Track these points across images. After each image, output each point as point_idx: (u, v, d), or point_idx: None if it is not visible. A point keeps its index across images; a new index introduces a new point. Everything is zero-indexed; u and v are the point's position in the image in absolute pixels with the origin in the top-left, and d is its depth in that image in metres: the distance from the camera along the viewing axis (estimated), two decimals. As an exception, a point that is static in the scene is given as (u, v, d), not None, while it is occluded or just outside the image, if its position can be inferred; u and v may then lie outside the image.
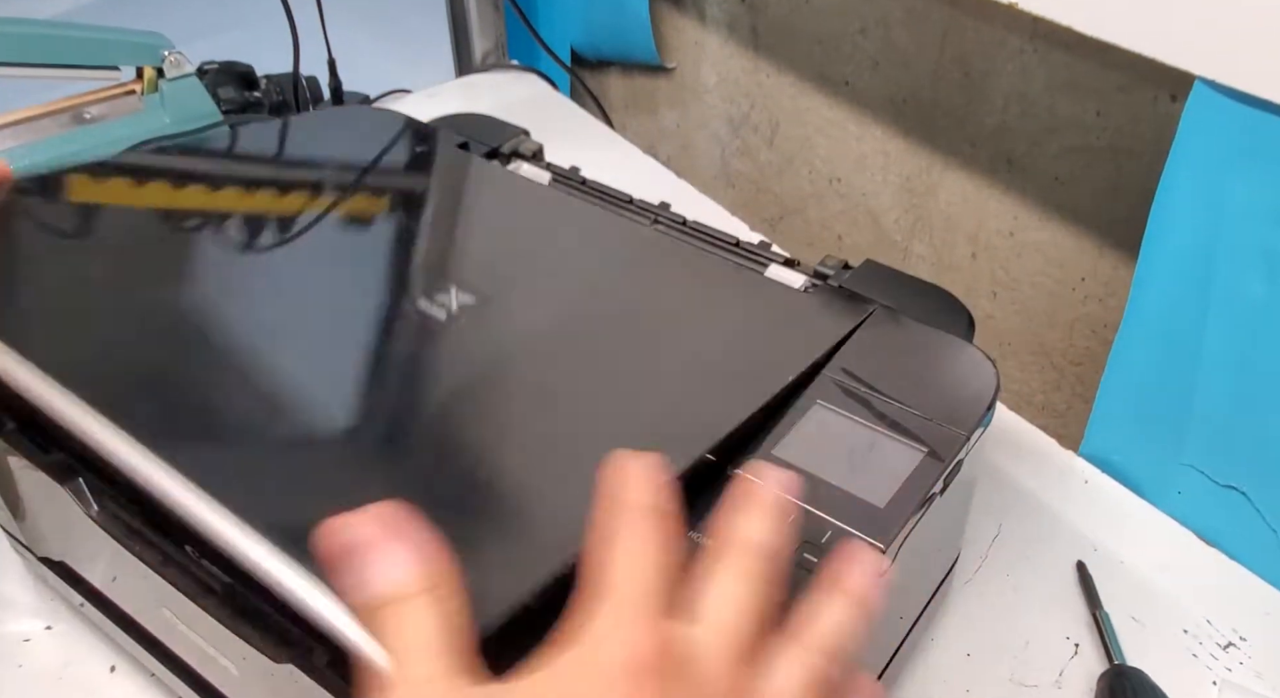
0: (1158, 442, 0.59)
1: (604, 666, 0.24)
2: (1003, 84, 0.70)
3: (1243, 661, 0.52)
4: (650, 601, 0.26)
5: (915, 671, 0.50)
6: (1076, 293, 0.70)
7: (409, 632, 0.26)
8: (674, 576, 0.27)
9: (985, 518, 0.58)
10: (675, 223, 0.53)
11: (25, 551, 0.49)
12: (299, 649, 0.34)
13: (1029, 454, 0.62)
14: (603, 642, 0.25)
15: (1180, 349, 0.56)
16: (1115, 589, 0.54)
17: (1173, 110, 0.52)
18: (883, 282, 0.49)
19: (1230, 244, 0.51)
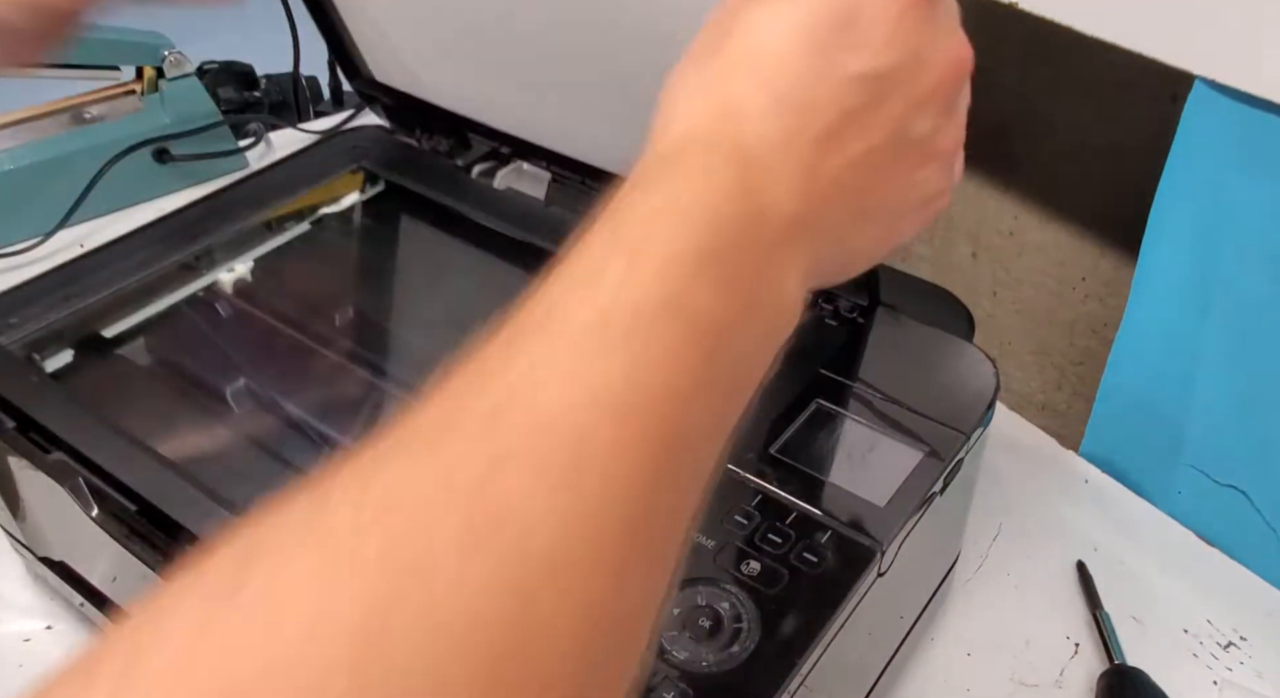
0: (1158, 441, 0.59)
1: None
2: (1003, 84, 0.70)
3: (1243, 660, 0.51)
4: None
5: (915, 670, 0.50)
6: (1077, 292, 0.70)
7: None
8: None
9: (985, 518, 0.58)
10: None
11: (25, 551, 0.49)
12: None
13: (1029, 454, 0.62)
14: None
15: (1181, 349, 0.56)
16: (1115, 589, 0.54)
17: (1173, 110, 0.52)
18: (883, 281, 0.49)
19: (1230, 243, 0.51)
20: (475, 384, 0.21)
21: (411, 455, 0.20)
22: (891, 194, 0.28)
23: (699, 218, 0.24)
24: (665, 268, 0.22)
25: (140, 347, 0.50)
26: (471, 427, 0.20)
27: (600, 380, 0.21)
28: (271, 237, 0.55)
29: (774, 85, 0.26)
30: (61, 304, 0.47)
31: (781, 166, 0.25)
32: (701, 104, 0.26)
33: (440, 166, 0.58)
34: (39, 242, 0.72)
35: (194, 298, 0.52)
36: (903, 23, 0.27)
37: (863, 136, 0.27)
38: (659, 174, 0.25)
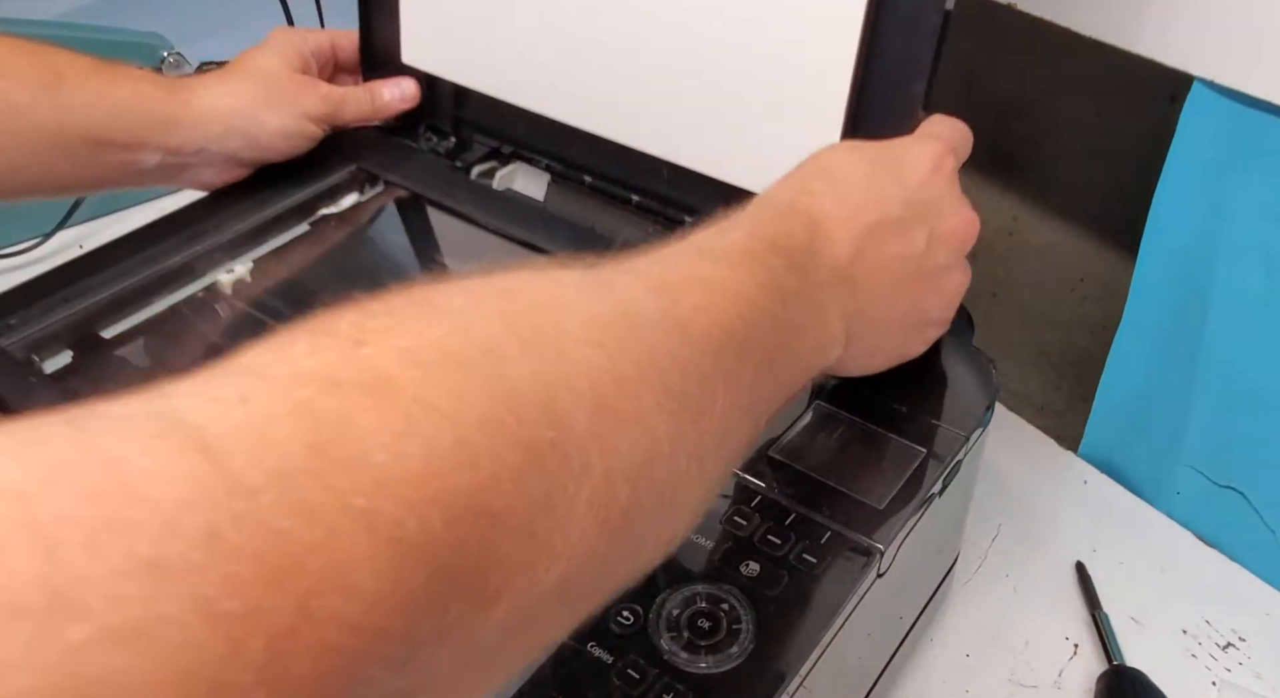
0: (1157, 442, 0.59)
1: (925, 148, 0.38)
2: (1002, 85, 0.70)
3: (1242, 661, 0.52)
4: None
5: (915, 671, 0.50)
6: (1076, 293, 0.70)
7: None
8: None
9: (984, 518, 0.58)
10: (675, 223, 0.53)
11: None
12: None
13: (1028, 455, 0.62)
14: (924, 139, 0.39)
15: (1179, 349, 0.56)
16: (1114, 590, 0.54)
17: (1171, 111, 0.52)
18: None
19: (1229, 244, 0.51)
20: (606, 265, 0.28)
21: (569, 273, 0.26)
22: (910, 301, 0.37)
23: (776, 228, 0.32)
24: (749, 238, 0.31)
25: (139, 348, 0.50)
26: (600, 270, 0.27)
27: (696, 269, 0.29)
28: (270, 237, 0.55)
29: (838, 188, 0.35)
30: (60, 305, 0.47)
31: (838, 235, 0.34)
32: (788, 191, 0.36)
33: (439, 167, 0.58)
34: (38, 242, 0.72)
35: (193, 299, 0.52)
36: (933, 175, 0.37)
37: (896, 241, 0.35)
38: (753, 208, 0.34)
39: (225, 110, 0.51)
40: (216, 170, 0.53)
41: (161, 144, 0.50)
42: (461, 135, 0.59)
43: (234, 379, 0.19)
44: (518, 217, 0.54)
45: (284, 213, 0.55)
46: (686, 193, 0.51)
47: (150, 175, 0.52)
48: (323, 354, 0.20)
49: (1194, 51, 0.48)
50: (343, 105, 0.55)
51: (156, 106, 0.50)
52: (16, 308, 0.47)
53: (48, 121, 0.47)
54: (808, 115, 0.44)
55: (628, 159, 0.50)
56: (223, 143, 0.51)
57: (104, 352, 0.48)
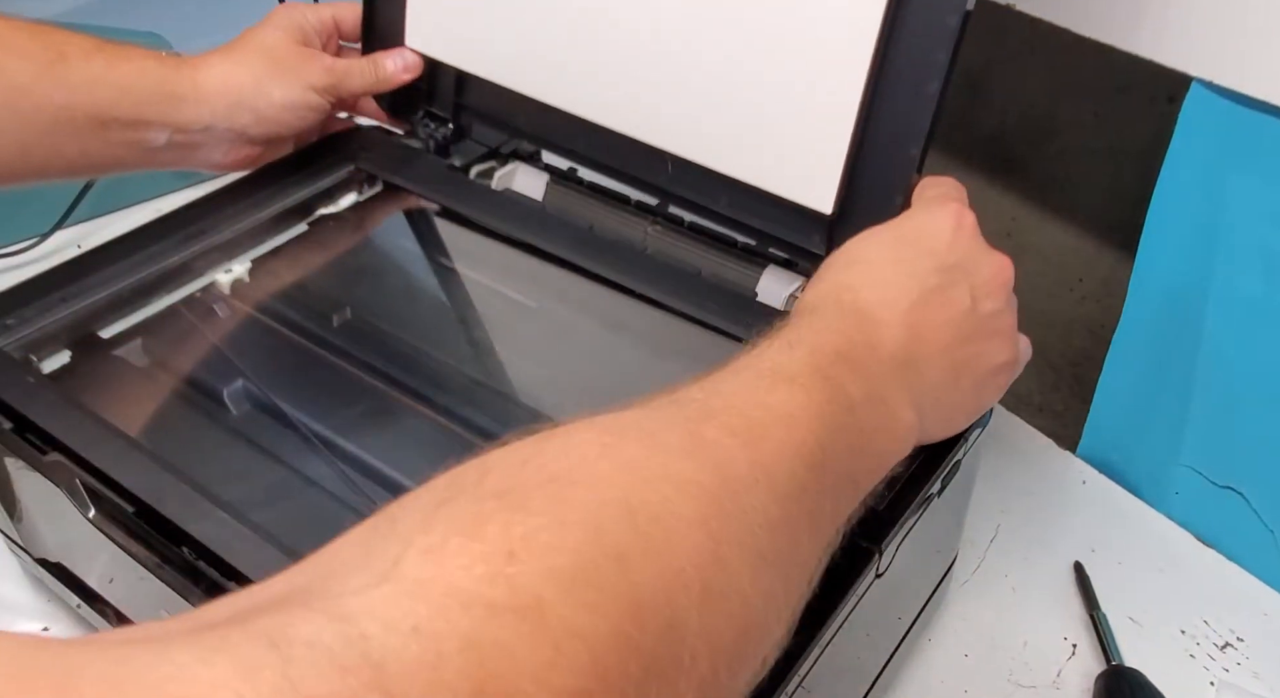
0: (1155, 442, 0.59)
1: (941, 213, 0.39)
2: (1001, 86, 0.70)
3: (1240, 661, 0.52)
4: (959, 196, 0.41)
5: (913, 671, 0.50)
6: (1074, 293, 0.70)
7: None
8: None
9: (983, 519, 0.58)
10: (674, 223, 0.53)
11: (22, 552, 0.49)
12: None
13: (1027, 455, 0.62)
14: (935, 204, 0.40)
15: (1178, 350, 0.56)
16: (1113, 590, 0.54)
17: (1170, 111, 0.52)
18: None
19: (1227, 244, 0.51)
20: (689, 390, 0.31)
21: (658, 407, 0.30)
22: (971, 357, 0.38)
23: (836, 335, 0.34)
24: (814, 354, 0.33)
25: (138, 347, 0.49)
26: (689, 407, 0.30)
27: (769, 397, 0.30)
28: (269, 237, 0.55)
29: (872, 275, 0.37)
30: (59, 305, 0.47)
31: (887, 319, 0.36)
32: (823, 289, 0.38)
33: (438, 167, 0.58)
34: (36, 242, 0.72)
35: (191, 298, 0.52)
36: (955, 238, 0.39)
37: (943, 308, 0.37)
38: (801, 319, 0.36)
39: (230, 85, 0.51)
40: (226, 149, 0.53)
41: (168, 121, 0.50)
42: (460, 123, 0.58)
43: (404, 600, 0.21)
44: (516, 216, 0.54)
45: (282, 213, 0.55)
46: (689, 187, 0.50)
47: (161, 155, 0.51)
48: (477, 568, 0.22)
49: (1192, 52, 0.48)
50: (347, 76, 0.54)
51: (161, 83, 0.49)
52: (14, 308, 0.47)
53: (53, 100, 0.47)
54: (818, 112, 0.44)
55: (631, 150, 0.50)
56: (230, 118, 0.51)
57: (102, 352, 0.48)
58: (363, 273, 0.57)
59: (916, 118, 0.42)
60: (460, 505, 0.23)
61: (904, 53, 0.41)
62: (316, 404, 0.47)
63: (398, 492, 0.43)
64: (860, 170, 0.44)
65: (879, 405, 0.34)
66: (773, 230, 0.49)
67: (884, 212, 0.43)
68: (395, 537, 0.23)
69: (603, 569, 0.23)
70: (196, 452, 0.45)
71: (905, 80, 0.42)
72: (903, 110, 0.42)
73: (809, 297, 0.38)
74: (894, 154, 0.43)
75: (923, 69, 0.41)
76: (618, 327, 0.51)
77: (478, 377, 0.50)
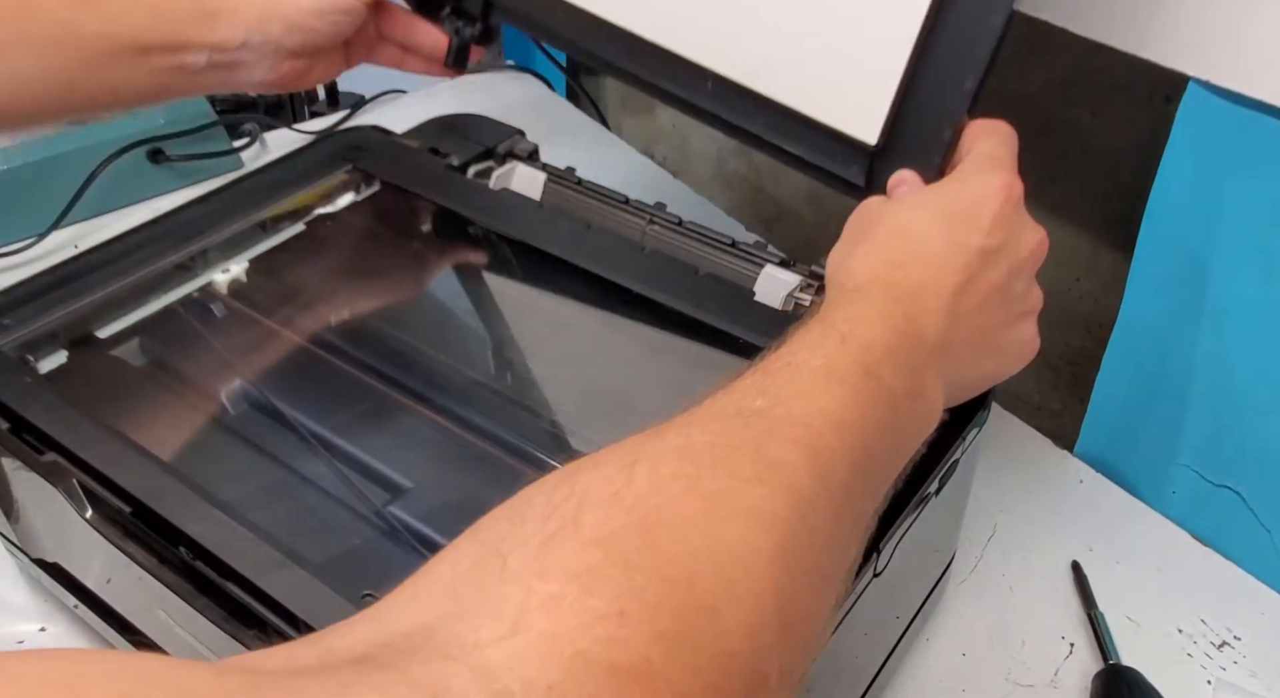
0: (1153, 442, 0.59)
1: (993, 184, 0.38)
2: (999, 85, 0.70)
3: (1237, 660, 0.52)
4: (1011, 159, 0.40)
5: (911, 670, 0.50)
6: (1072, 293, 0.70)
7: None
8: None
9: (981, 518, 0.58)
10: (671, 223, 0.53)
11: (19, 552, 0.49)
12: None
13: (1025, 454, 0.63)
14: (988, 172, 0.39)
15: (1175, 349, 0.56)
16: (1110, 589, 0.54)
17: (1167, 111, 0.52)
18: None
19: (1225, 244, 0.52)
20: (749, 394, 0.31)
21: (724, 418, 0.30)
22: (1001, 336, 0.39)
23: (884, 328, 0.34)
24: (864, 352, 0.33)
25: (134, 347, 0.49)
26: (754, 422, 0.30)
27: (825, 401, 0.31)
28: (266, 237, 0.55)
29: (922, 252, 0.37)
30: (55, 305, 0.47)
31: (932, 307, 0.36)
32: (874, 263, 0.37)
33: (435, 167, 0.58)
34: (33, 242, 0.72)
35: (188, 299, 0.52)
36: (1002, 213, 0.38)
37: (983, 291, 0.37)
38: (853, 299, 0.36)
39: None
40: (268, 66, 0.52)
41: (204, 41, 0.49)
42: (489, 22, 0.56)
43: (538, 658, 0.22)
44: (514, 216, 0.54)
45: (280, 213, 0.55)
46: (726, 107, 0.47)
47: (205, 78, 0.51)
48: (596, 628, 0.23)
49: (1190, 52, 0.48)
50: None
51: (194, 3, 0.49)
52: (11, 307, 0.47)
53: (91, 31, 0.47)
54: (873, 35, 0.41)
55: (669, 64, 0.47)
56: (263, 30, 0.50)
57: (99, 351, 0.48)
58: (360, 273, 0.57)
59: (977, 47, 0.39)
60: (566, 549, 0.25)
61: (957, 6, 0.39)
62: (313, 404, 0.47)
63: (394, 491, 0.43)
64: (911, 101, 0.41)
65: (917, 399, 0.34)
66: (811, 157, 0.45)
67: (930, 149, 0.41)
68: (511, 578, 0.24)
69: (697, 625, 0.24)
70: (193, 452, 0.45)
71: (969, 7, 0.39)
72: (963, 39, 0.40)
73: (860, 269, 0.37)
74: (948, 87, 0.41)
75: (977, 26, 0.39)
76: (616, 326, 0.51)
77: (475, 376, 0.50)
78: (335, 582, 0.35)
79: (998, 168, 0.40)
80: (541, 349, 0.52)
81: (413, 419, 0.47)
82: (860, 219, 0.40)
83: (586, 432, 0.46)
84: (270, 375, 0.48)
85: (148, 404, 0.47)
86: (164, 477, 0.39)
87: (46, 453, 0.41)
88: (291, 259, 0.55)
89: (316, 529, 0.41)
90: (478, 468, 0.45)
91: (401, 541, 0.41)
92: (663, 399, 0.48)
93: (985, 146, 0.41)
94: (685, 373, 0.49)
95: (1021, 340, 0.40)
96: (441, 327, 0.55)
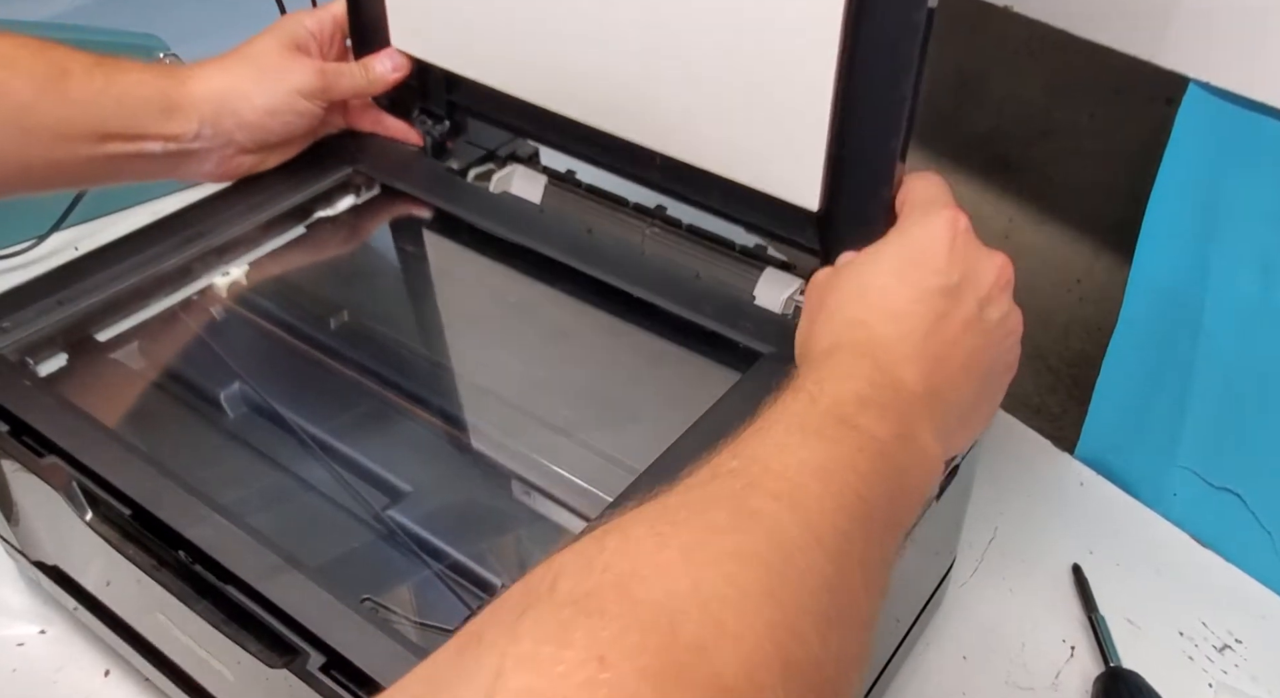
0: (1153, 444, 0.59)
1: (936, 223, 0.39)
2: (998, 87, 0.70)
3: (1238, 663, 0.52)
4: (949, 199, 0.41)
5: (911, 674, 0.50)
6: (1072, 295, 0.70)
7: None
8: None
9: (981, 521, 0.58)
10: (671, 226, 0.53)
11: (19, 555, 0.49)
12: (293, 655, 0.34)
13: (1025, 457, 0.62)
14: (929, 213, 0.39)
15: (1175, 351, 0.56)
16: (1111, 592, 0.54)
17: (1167, 113, 0.52)
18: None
19: (1224, 246, 0.51)
20: (723, 460, 0.31)
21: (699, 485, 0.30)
22: (986, 366, 0.39)
23: (855, 381, 0.34)
24: (837, 405, 0.33)
25: (135, 350, 0.49)
26: (729, 480, 0.30)
27: (802, 454, 0.30)
28: (266, 240, 0.55)
29: (883, 306, 0.37)
30: (55, 308, 0.47)
31: (905, 355, 0.36)
32: (836, 326, 0.37)
33: (435, 170, 0.58)
34: (33, 244, 0.72)
35: (188, 301, 0.52)
36: (954, 247, 0.38)
37: (954, 329, 0.37)
38: (819, 363, 0.35)
39: (215, 90, 0.51)
40: (219, 159, 0.53)
41: (161, 131, 0.50)
42: (455, 120, 0.58)
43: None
44: (514, 219, 0.54)
45: (280, 216, 0.55)
46: (682, 184, 0.50)
47: (157, 166, 0.52)
48: (575, 676, 0.22)
49: (1190, 54, 0.48)
50: (337, 78, 0.55)
51: (155, 94, 0.50)
52: (11, 310, 0.47)
53: (55, 117, 0.48)
54: (793, 110, 0.43)
55: (622, 148, 0.50)
56: (216, 124, 0.51)
57: (99, 355, 0.48)
58: (360, 276, 0.57)
59: (892, 111, 0.41)
60: (541, 613, 0.24)
61: (872, 48, 0.41)
62: (313, 408, 0.47)
63: (393, 495, 0.43)
64: (842, 166, 0.43)
65: (909, 443, 0.34)
66: (766, 225, 0.48)
67: (872, 205, 0.42)
68: (486, 649, 0.24)
69: (685, 663, 0.24)
70: (193, 455, 0.45)
71: (877, 74, 0.41)
72: (878, 104, 0.41)
73: (823, 336, 0.37)
74: (875, 148, 0.42)
75: (894, 62, 0.40)
76: (616, 329, 0.51)
77: (474, 380, 0.50)
78: (334, 585, 0.35)
79: (937, 207, 0.40)
80: (541, 353, 0.52)
81: (411, 423, 0.47)
82: (814, 292, 0.41)
83: (586, 436, 0.46)
84: (270, 379, 0.48)
85: (147, 407, 0.47)
86: (163, 480, 0.39)
87: (46, 456, 0.41)
88: (291, 262, 0.55)
89: (315, 533, 0.41)
90: (476, 472, 0.45)
91: (400, 544, 0.41)
92: (662, 404, 0.48)
93: (917, 194, 0.41)
94: (686, 377, 0.49)
95: (1007, 364, 0.40)
96: (441, 330, 0.54)
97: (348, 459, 0.44)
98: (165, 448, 0.44)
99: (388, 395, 0.48)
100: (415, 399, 0.48)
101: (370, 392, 0.48)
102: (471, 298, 0.56)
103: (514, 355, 0.52)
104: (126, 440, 0.41)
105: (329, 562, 0.39)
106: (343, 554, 0.40)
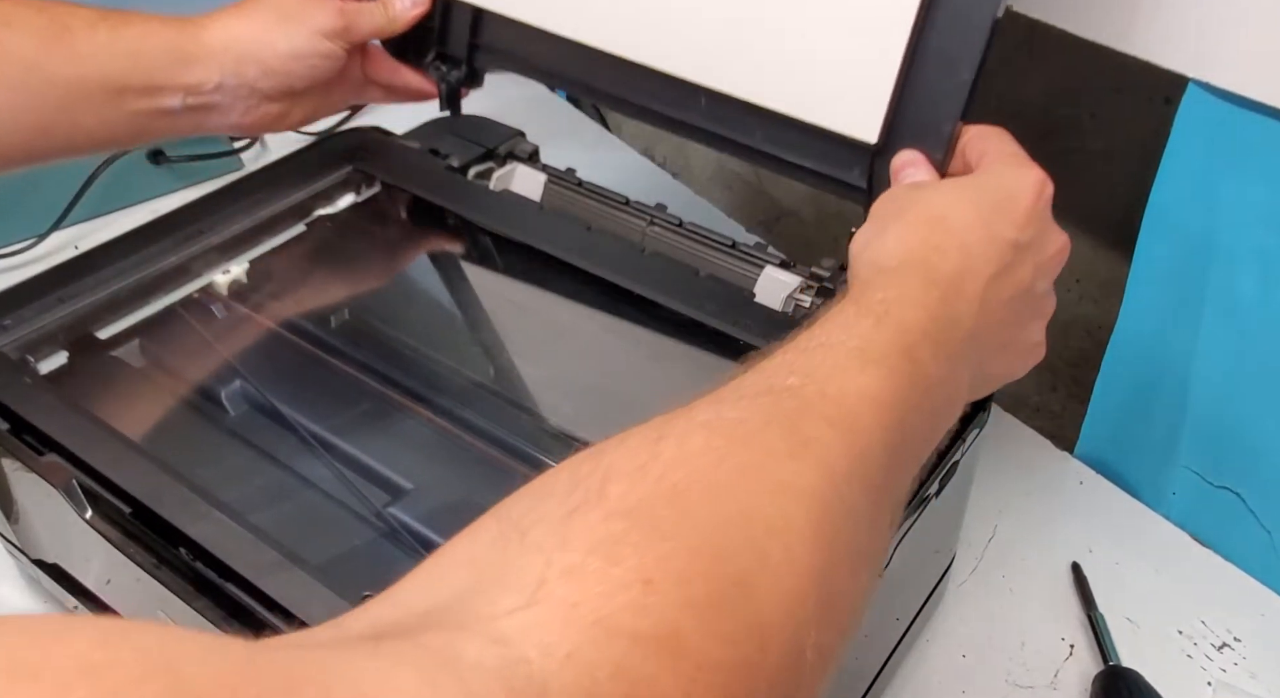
0: (1152, 443, 0.59)
1: (1028, 178, 0.39)
2: (998, 87, 0.70)
3: (1237, 662, 0.52)
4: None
5: (911, 672, 0.50)
6: (1071, 294, 0.70)
7: None
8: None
9: (981, 520, 0.58)
10: (671, 224, 0.53)
11: (19, 553, 0.49)
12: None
13: (1024, 456, 0.63)
14: (1021, 165, 0.40)
15: (1175, 350, 0.56)
16: (1110, 590, 0.54)
17: (1167, 113, 0.52)
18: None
19: (1224, 245, 0.52)
20: (780, 372, 0.31)
21: (754, 395, 0.30)
22: (1016, 335, 0.39)
23: (922, 311, 0.34)
24: (902, 333, 0.32)
25: (135, 348, 0.49)
26: (786, 399, 0.29)
27: (861, 381, 0.30)
28: (266, 238, 0.55)
29: (960, 238, 0.37)
30: (56, 306, 0.47)
31: (966, 294, 0.36)
32: (910, 243, 0.37)
33: (436, 168, 0.58)
34: (34, 243, 0.72)
35: (188, 299, 0.52)
36: (1035, 209, 0.38)
37: (1011, 286, 0.37)
38: (889, 281, 0.35)
39: (234, 38, 0.50)
40: (244, 108, 0.52)
41: (180, 83, 0.49)
42: (475, 64, 0.57)
43: (557, 626, 0.22)
44: (514, 217, 0.54)
45: (280, 213, 0.55)
46: (722, 123, 0.47)
47: (180, 120, 0.50)
48: (619, 596, 0.23)
49: (1189, 54, 0.48)
50: (358, 17, 0.53)
51: (169, 45, 0.49)
52: (11, 308, 0.47)
53: (63, 74, 0.46)
54: (867, 33, 0.41)
55: (661, 86, 0.48)
56: (238, 73, 0.50)
57: (99, 352, 0.48)
58: (360, 274, 0.57)
59: (970, 40, 0.39)
60: (591, 520, 0.24)
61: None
62: (314, 406, 0.47)
63: (395, 493, 0.43)
64: (908, 98, 0.41)
65: (950, 383, 0.34)
66: (811, 164, 0.46)
67: (932, 146, 0.41)
68: (531, 551, 0.23)
69: (730, 596, 0.24)
70: (194, 453, 0.45)
71: (960, 2, 0.39)
72: (957, 32, 0.40)
73: (896, 249, 0.37)
74: (945, 81, 0.40)
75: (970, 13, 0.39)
76: (616, 327, 0.51)
77: (475, 378, 0.50)
78: (335, 583, 0.35)
79: (1029, 165, 0.40)
80: (541, 350, 0.52)
81: (412, 420, 0.47)
82: (891, 203, 0.40)
83: (587, 433, 0.46)
84: (270, 376, 0.48)
85: (148, 405, 0.47)
86: (164, 477, 0.39)
87: (46, 454, 0.41)
88: (292, 260, 0.55)
89: (316, 530, 0.41)
90: (477, 470, 0.45)
91: (401, 542, 0.41)
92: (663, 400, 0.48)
93: (1005, 146, 0.41)
94: (685, 374, 0.49)
95: (1032, 343, 0.40)
96: (441, 328, 0.55)
97: (348, 456, 0.44)
98: (166, 445, 0.44)
99: (388, 393, 0.48)
100: (416, 397, 0.48)
101: (371, 389, 0.48)
102: (471, 295, 0.56)
103: (514, 353, 0.52)
104: (127, 438, 0.41)
105: (330, 559, 0.39)
106: (344, 552, 0.41)
